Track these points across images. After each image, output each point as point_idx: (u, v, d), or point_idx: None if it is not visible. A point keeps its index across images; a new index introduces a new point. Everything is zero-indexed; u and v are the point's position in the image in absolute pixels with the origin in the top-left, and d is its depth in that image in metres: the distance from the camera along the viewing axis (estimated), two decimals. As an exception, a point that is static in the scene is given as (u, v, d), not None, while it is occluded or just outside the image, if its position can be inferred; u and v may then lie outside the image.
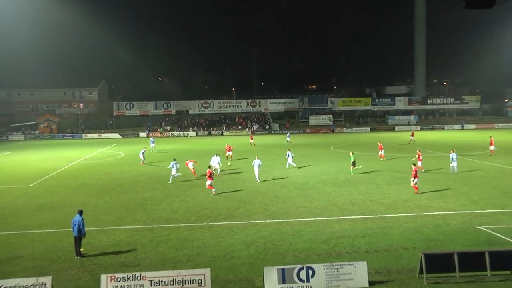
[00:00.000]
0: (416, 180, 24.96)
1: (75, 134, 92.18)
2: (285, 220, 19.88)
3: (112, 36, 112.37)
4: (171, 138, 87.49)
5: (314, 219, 19.95)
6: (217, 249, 16.06)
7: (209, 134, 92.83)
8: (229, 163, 38.87)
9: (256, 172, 29.59)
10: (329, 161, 40.11)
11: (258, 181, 29.34)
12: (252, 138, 61.35)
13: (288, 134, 66.30)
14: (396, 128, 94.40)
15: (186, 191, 27.13)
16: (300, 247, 16.04)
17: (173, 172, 30.31)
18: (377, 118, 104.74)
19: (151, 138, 58.10)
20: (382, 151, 39.95)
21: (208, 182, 25.90)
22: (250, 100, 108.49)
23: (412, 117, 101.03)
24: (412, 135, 58.72)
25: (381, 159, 39.35)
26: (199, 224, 19.52)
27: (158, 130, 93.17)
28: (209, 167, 27.22)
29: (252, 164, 30.54)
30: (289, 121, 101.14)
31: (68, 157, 48.58)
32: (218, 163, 33.12)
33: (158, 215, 21.24)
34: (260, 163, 30.13)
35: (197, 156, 44.01)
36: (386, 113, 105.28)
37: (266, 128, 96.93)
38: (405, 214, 20.40)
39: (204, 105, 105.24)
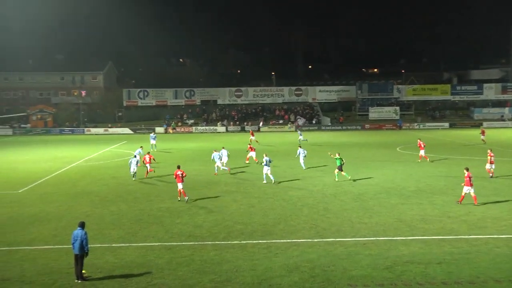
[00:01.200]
0: (469, 189, 24.76)
1: (76, 128, 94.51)
2: (337, 239, 19.79)
3: (121, 8, 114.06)
4: (194, 134, 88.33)
5: (374, 239, 19.78)
6: (251, 274, 16.13)
7: (243, 129, 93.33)
8: (258, 163, 40.65)
9: (264, 171, 32.52)
10: (394, 166, 39.70)
11: (273, 180, 32.25)
12: (253, 135, 60.74)
13: (299, 132, 65.29)
14: (484, 124, 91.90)
15: (213, 201, 27.41)
16: (357, 274, 15.92)
17: (133, 168, 34.18)
18: (458, 111, 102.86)
19: (152, 134, 58.22)
20: (423, 151, 41.75)
21: (179, 186, 27.19)
22: (294, 88, 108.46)
23: (507, 110, 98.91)
24: (483, 134, 57.18)
25: (421, 160, 41.46)
26: (229, 242, 19.67)
27: (170, 125, 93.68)
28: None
29: (263, 164, 33.11)
30: (343, 114, 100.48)
31: (66, 157, 49.79)
32: (220, 157, 37.03)
33: (178, 231, 21.50)
34: (271, 160, 33.02)
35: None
36: (471, 104, 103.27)
37: (314, 122, 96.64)
38: (496, 236, 19.93)
39: (236, 93, 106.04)
